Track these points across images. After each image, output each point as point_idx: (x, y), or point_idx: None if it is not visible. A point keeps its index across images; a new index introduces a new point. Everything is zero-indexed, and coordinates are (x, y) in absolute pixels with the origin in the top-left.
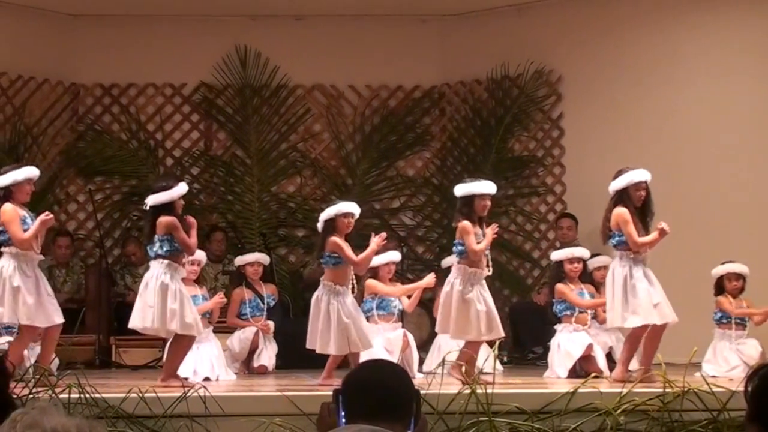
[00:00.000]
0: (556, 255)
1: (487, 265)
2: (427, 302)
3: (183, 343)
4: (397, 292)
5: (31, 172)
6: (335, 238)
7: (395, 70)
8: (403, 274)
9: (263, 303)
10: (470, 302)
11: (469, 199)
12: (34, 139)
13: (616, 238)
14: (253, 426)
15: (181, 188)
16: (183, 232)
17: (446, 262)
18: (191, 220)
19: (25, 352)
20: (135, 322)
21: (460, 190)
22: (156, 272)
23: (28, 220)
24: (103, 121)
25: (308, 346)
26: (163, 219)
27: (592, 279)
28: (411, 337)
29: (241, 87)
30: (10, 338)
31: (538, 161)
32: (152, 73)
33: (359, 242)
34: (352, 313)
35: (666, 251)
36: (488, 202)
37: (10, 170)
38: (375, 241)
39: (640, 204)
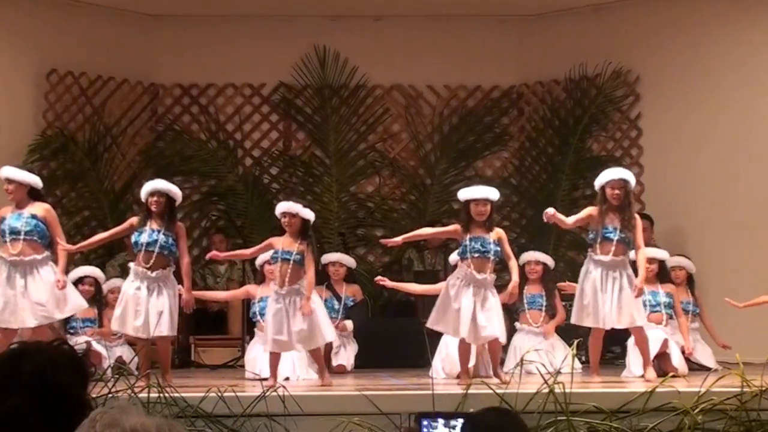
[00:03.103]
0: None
1: None
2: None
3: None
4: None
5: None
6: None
7: (473, 70)
8: None
9: (339, 304)
10: (449, 298)
11: (466, 205)
12: (113, 139)
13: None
14: (332, 425)
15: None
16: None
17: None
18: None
19: (104, 352)
20: None
21: (459, 195)
22: None
23: (5, 221)
24: (182, 121)
25: None
26: None
27: (671, 279)
28: None
29: (320, 87)
30: (87, 338)
31: (616, 161)
32: (231, 74)
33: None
34: (271, 313)
35: (743, 249)
36: (482, 208)
37: None
38: None
39: (616, 203)
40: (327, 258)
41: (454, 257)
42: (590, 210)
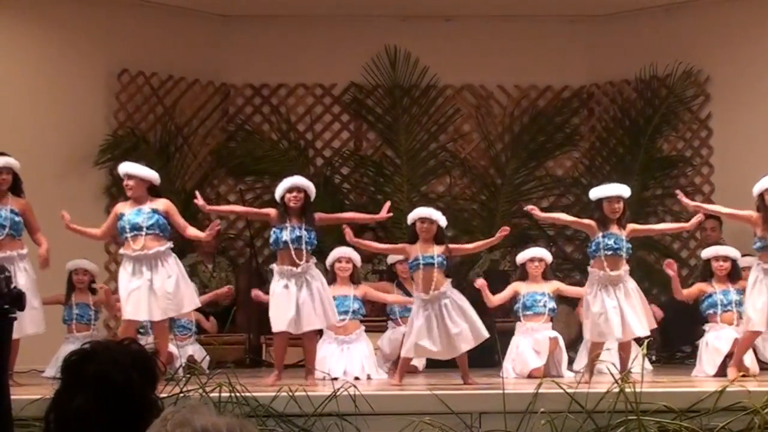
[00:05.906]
0: (704, 253)
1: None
2: (577, 300)
3: None
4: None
5: (121, 168)
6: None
7: (544, 70)
8: (552, 273)
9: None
10: (589, 303)
11: (599, 203)
12: (184, 139)
13: None
14: (403, 424)
15: None
16: None
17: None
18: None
19: (175, 350)
20: None
21: (591, 194)
22: None
23: (125, 217)
24: (253, 121)
25: None
26: None
27: (742, 278)
28: (560, 339)
29: (391, 87)
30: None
31: (687, 161)
32: (302, 74)
33: (509, 242)
34: (419, 321)
35: None
36: (617, 205)
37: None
38: None
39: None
40: (396, 257)
41: (520, 257)
42: (751, 212)
